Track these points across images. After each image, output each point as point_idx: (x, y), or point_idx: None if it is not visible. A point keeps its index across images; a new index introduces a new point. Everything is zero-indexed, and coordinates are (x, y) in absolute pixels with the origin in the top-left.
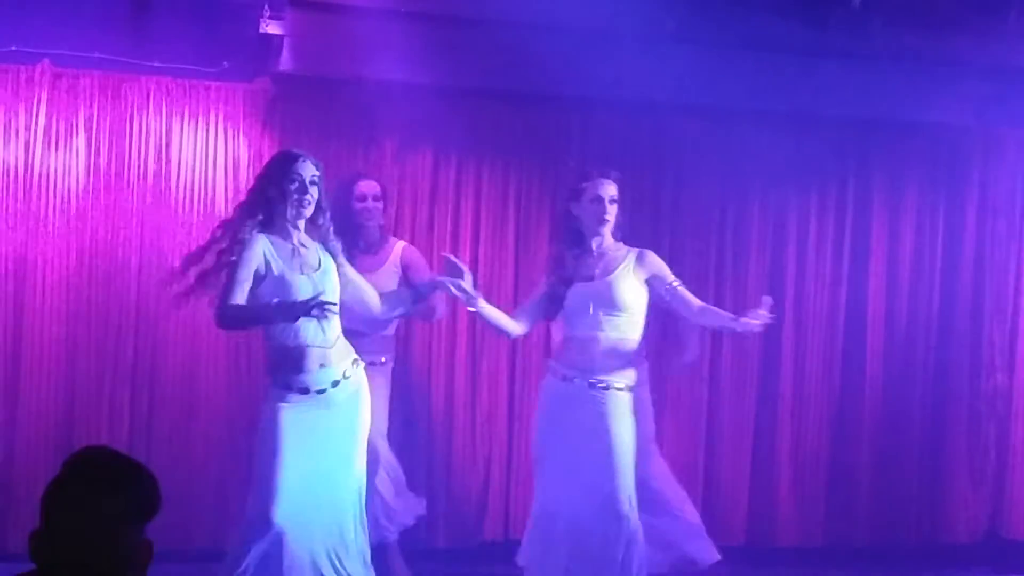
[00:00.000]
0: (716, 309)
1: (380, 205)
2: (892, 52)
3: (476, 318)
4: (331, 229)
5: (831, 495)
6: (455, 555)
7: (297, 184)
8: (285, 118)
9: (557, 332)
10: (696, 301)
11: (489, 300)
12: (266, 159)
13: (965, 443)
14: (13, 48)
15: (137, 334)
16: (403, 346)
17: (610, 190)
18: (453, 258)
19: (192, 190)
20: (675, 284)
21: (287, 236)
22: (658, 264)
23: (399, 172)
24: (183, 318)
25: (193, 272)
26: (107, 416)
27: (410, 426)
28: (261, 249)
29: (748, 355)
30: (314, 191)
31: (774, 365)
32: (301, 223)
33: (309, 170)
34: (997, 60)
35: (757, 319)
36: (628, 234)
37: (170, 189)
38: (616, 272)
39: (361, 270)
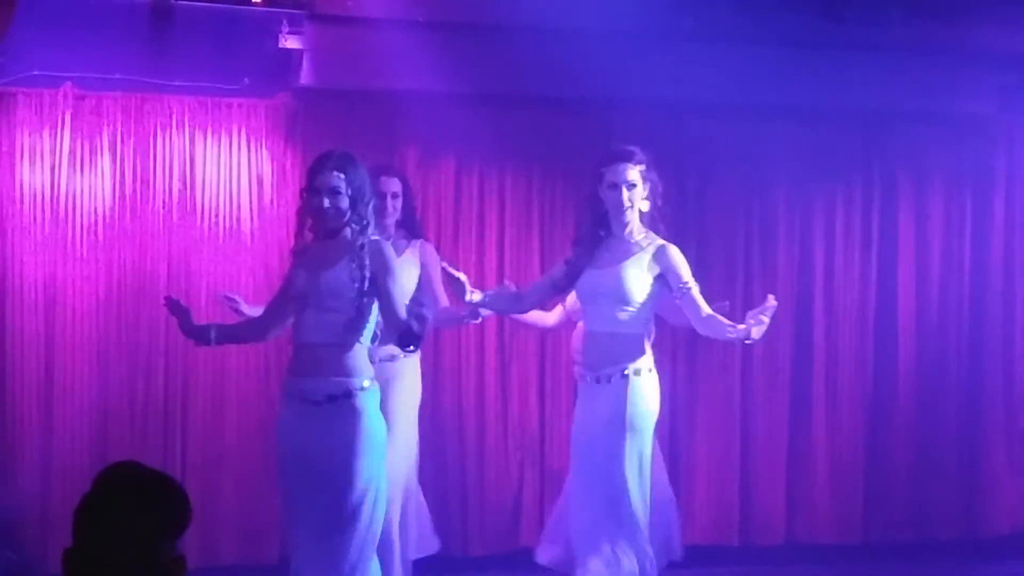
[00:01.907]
0: (721, 319)
1: (399, 203)
2: (912, 43)
3: (505, 322)
4: (363, 229)
5: (869, 491)
6: (490, 563)
7: (315, 196)
8: (308, 132)
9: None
10: (705, 308)
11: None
12: (289, 174)
13: (1002, 433)
14: (35, 72)
15: (167, 351)
16: (432, 351)
17: (629, 175)
18: (449, 268)
19: (217, 207)
20: (688, 286)
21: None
22: (676, 260)
23: (422, 181)
24: None
25: None
26: (140, 434)
27: (441, 432)
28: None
29: (780, 351)
30: (337, 200)
31: (806, 360)
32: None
33: (328, 180)
34: (1018, 48)
35: (753, 322)
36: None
37: (195, 207)
38: (626, 261)
39: None
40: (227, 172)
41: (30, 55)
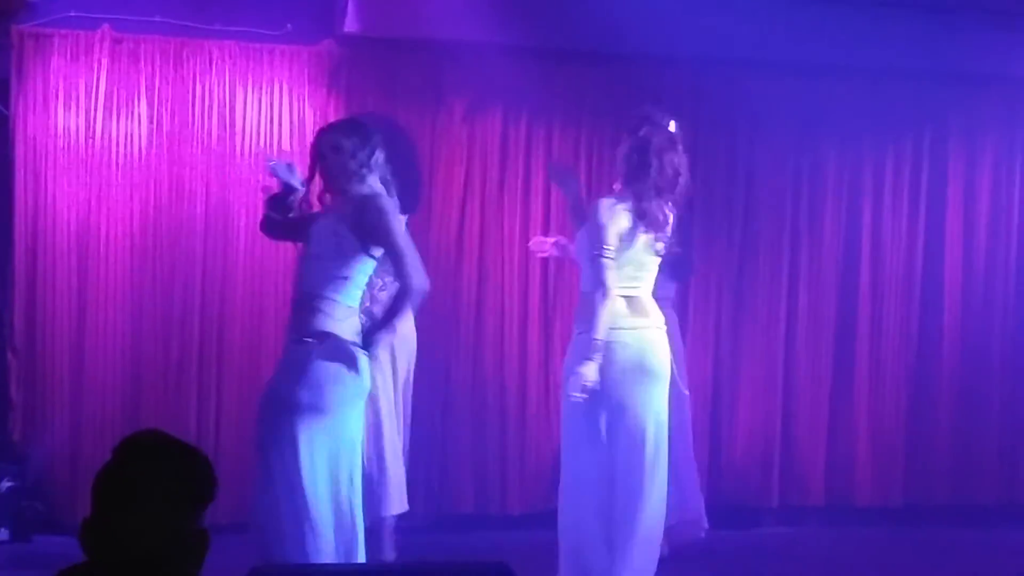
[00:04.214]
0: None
1: None
2: (969, 4)
3: (549, 279)
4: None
5: (910, 454)
6: (529, 521)
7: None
8: (351, 81)
9: None
10: None
11: (560, 263)
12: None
13: None
14: (72, 14)
15: (203, 302)
16: (476, 306)
17: None
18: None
19: (256, 155)
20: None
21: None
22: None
23: (468, 133)
24: (249, 284)
25: None
26: (174, 383)
27: (483, 389)
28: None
29: (824, 311)
30: (339, 156)
31: (850, 321)
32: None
33: (324, 139)
34: None
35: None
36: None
37: (234, 155)
38: None
39: None
40: (267, 119)
41: None
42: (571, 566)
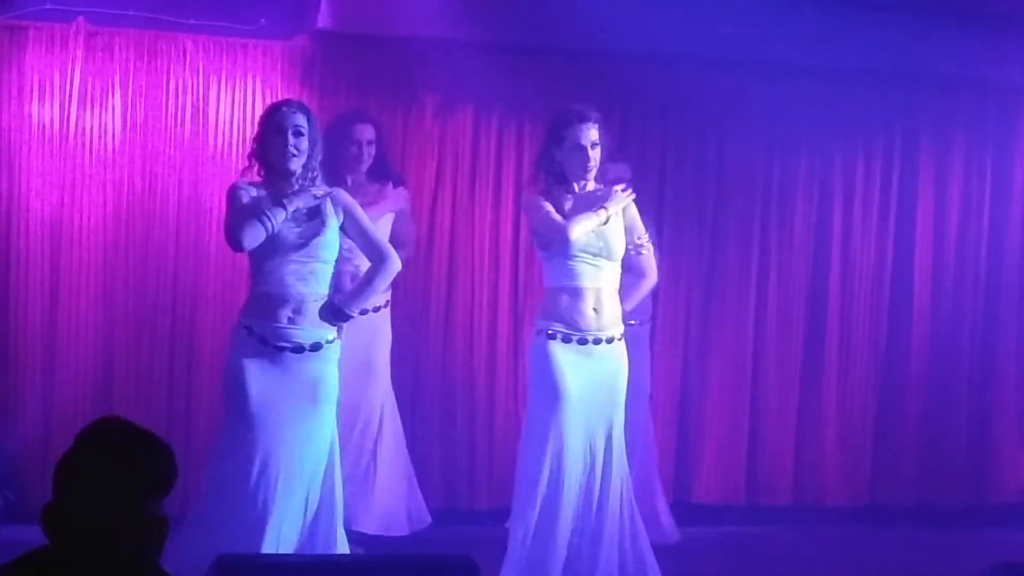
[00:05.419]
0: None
1: (373, 150)
2: (939, 5)
3: (520, 277)
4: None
5: (878, 454)
6: (498, 516)
7: (279, 135)
8: (324, 76)
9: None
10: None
11: (531, 259)
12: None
13: (1014, 400)
14: (47, 6)
15: (175, 293)
16: (445, 303)
17: (593, 135)
18: None
19: (230, 150)
20: (643, 242)
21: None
22: (637, 213)
23: (440, 130)
24: (221, 276)
25: None
26: (145, 374)
27: (452, 385)
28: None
29: (794, 311)
30: (299, 141)
31: (819, 322)
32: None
33: (294, 119)
34: None
35: None
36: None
37: (207, 149)
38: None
39: None
40: (240, 114)
41: None
42: None
